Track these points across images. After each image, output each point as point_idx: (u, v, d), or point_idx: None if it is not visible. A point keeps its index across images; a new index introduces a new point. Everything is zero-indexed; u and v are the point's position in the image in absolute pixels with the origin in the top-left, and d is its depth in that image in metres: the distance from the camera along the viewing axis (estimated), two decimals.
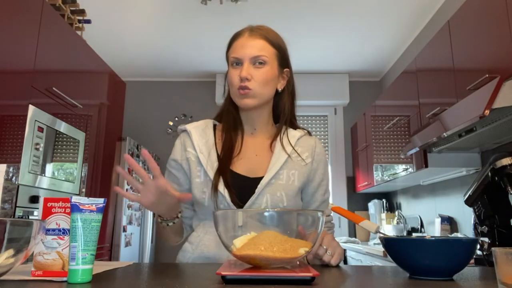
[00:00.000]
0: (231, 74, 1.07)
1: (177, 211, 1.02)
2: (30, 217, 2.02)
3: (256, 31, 1.08)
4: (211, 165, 1.05)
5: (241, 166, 1.07)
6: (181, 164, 1.10)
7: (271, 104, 1.13)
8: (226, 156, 1.06)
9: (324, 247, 0.96)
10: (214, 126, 1.16)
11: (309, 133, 1.19)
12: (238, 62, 1.06)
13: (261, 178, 1.03)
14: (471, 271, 0.82)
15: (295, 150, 1.09)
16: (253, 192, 1.01)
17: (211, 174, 1.03)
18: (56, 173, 2.29)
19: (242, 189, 1.02)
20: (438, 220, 2.82)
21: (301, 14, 3.21)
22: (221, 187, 1.02)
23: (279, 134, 1.12)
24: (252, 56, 1.04)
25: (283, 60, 1.11)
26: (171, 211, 0.99)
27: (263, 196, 1.02)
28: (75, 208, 0.65)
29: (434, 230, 2.90)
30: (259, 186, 1.02)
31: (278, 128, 1.14)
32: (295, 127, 1.17)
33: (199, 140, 1.10)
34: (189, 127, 1.13)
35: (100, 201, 0.67)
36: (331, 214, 1.18)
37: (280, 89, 1.11)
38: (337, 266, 0.95)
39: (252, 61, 1.04)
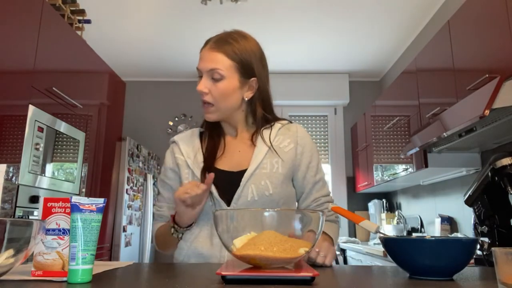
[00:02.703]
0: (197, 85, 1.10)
1: (195, 219, 1.07)
2: (30, 217, 2.02)
3: (217, 42, 1.07)
4: (198, 165, 1.10)
5: (226, 163, 1.11)
6: (173, 169, 1.17)
7: (242, 110, 1.14)
8: (210, 156, 1.12)
9: (316, 249, 0.98)
10: (201, 133, 1.21)
11: (290, 122, 1.21)
12: (200, 75, 1.08)
13: (245, 170, 1.06)
14: (471, 271, 0.82)
15: (271, 144, 1.11)
16: (239, 185, 1.05)
17: (198, 174, 1.08)
18: (56, 173, 2.29)
19: (229, 183, 1.06)
20: (438, 220, 2.82)
21: (301, 14, 3.21)
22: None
23: (257, 133, 1.14)
24: (208, 69, 1.05)
25: (246, 71, 1.08)
26: (193, 218, 1.06)
27: (248, 187, 1.04)
28: (75, 208, 0.65)
29: (434, 230, 2.90)
30: (243, 178, 1.05)
31: (256, 129, 1.16)
32: (276, 120, 1.18)
33: (186, 147, 1.16)
34: (177, 138, 1.20)
35: (100, 201, 0.67)
36: (331, 195, 1.19)
37: (246, 98, 1.11)
38: (331, 266, 0.97)
39: (209, 75, 1.06)
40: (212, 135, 1.17)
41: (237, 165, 1.09)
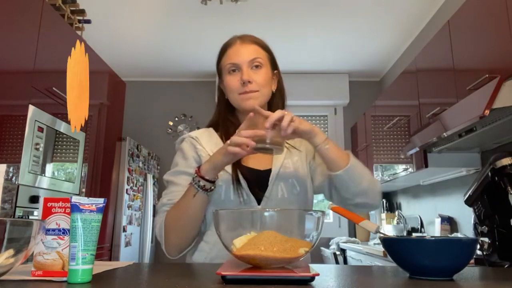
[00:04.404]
0: (230, 80, 1.10)
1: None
2: (30, 217, 2.02)
3: (245, 38, 1.14)
4: None
5: (250, 161, 1.10)
6: (196, 160, 1.11)
7: (266, 105, 1.17)
8: None
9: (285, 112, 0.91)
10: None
11: None
12: (235, 68, 1.10)
13: (270, 169, 1.08)
14: (471, 271, 0.82)
15: (289, 143, 1.14)
16: (267, 183, 1.06)
17: (229, 169, 1.05)
18: (56, 173, 2.29)
19: (257, 181, 1.06)
20: (438, 220, 2.82)
21: (301, 14, 3.21)
22: (240, 179, 1.05)
23: None
24: (249, 59, 1.09)
25: (273, 62, 1.17)
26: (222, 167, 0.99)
27: (277, 186, 1.06)
28: (75, 208, 0.65)
29: (434, 230, 2.90)
30: (271, 177, 1.06)
31: None
32: None
33: (208, 143, 1.13)
34: (194, 134, 1.16)
35: (100, 201, 0.67)
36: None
37: (274, 90, 1.16)
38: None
39: (249, 65, 1.09)
40: (230, 132, 1.13)
41: (262, 164, 1.10)
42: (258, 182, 1.06)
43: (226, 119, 1.17)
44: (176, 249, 1.04)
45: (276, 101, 1.17)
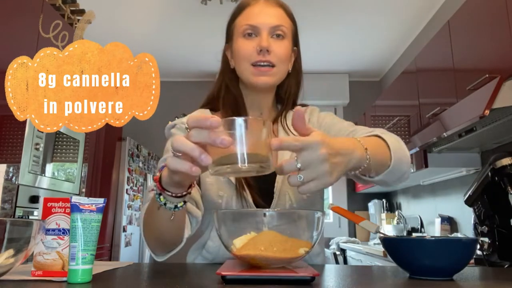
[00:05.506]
0: (243, 45, 0.90)
1: (192, 182, 0.70)
2: (30, 217, 2.02)
3: None
4: None
5: None
6: None
7: (275, 86, 0.99)
8: None
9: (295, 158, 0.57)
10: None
11: (305, 105, 1.07)
12: (253, 32, 0.91)
13: (273, 174, 0.89)
14: (471, 271, 0.82)
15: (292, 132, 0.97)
16: (271, 191, 0.91)
17: (231, 177, 0.90)
18: (56, 173, 2.29)
19: (260, 190, 0.91)
20: (438, 220, 2.82)
21: (301, 14, 3.20)
22: (245, 190, 0.89)
23: (279, 117, 0.99)
24: (272, 25, 0.91)
25: (295, 37, 0.99)
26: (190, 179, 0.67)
27: (284, 195, 0.91)
28: (75, 208, 0.65)
29: (434, 230, 2.90)
30: (276, 186, 0.90)
31: (279, 111, 1.01)
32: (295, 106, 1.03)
33: None
34: (186, 119, 0.84)
35: (100, 201, 0.67)
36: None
37: (290, 70, 0.99)
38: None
39: (270, 32, 0.91)
40: (229, 113, 0.95)
41: None
42: (262, 191, 0.90)
43: (228, 94, 0.96)
44: (158, 253, 0.84)
45: (290, 83, 1.00)
